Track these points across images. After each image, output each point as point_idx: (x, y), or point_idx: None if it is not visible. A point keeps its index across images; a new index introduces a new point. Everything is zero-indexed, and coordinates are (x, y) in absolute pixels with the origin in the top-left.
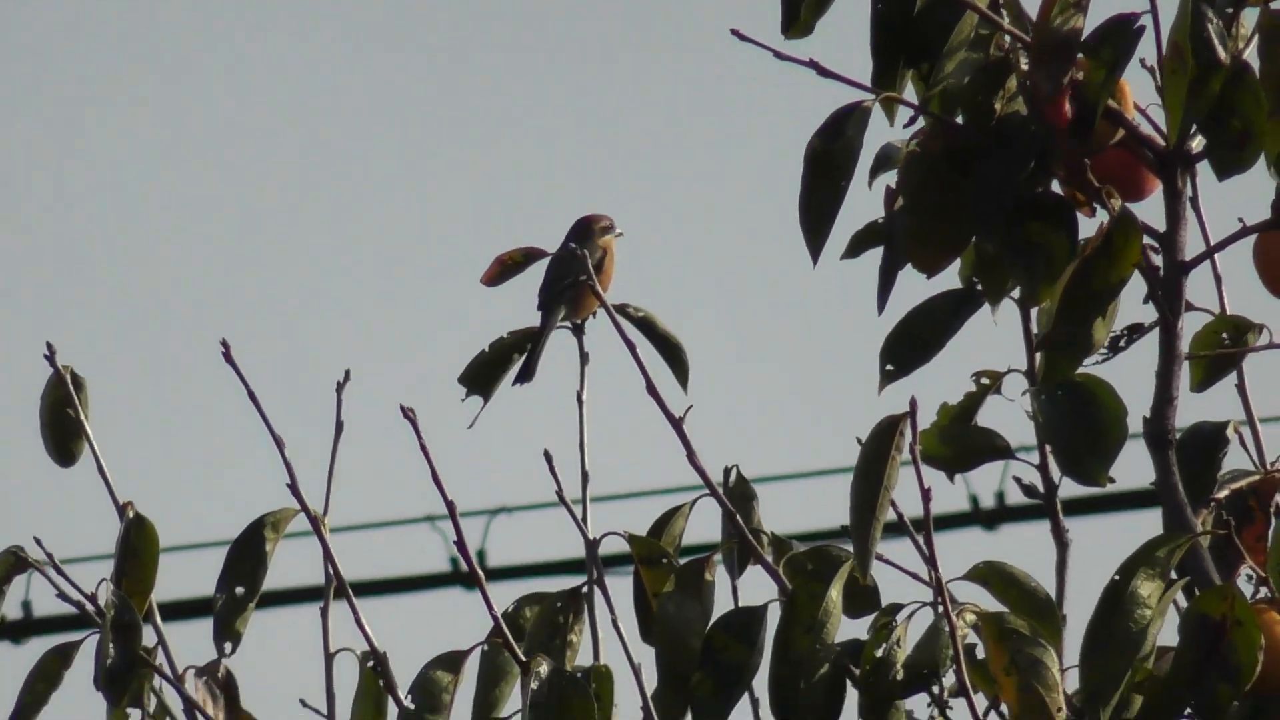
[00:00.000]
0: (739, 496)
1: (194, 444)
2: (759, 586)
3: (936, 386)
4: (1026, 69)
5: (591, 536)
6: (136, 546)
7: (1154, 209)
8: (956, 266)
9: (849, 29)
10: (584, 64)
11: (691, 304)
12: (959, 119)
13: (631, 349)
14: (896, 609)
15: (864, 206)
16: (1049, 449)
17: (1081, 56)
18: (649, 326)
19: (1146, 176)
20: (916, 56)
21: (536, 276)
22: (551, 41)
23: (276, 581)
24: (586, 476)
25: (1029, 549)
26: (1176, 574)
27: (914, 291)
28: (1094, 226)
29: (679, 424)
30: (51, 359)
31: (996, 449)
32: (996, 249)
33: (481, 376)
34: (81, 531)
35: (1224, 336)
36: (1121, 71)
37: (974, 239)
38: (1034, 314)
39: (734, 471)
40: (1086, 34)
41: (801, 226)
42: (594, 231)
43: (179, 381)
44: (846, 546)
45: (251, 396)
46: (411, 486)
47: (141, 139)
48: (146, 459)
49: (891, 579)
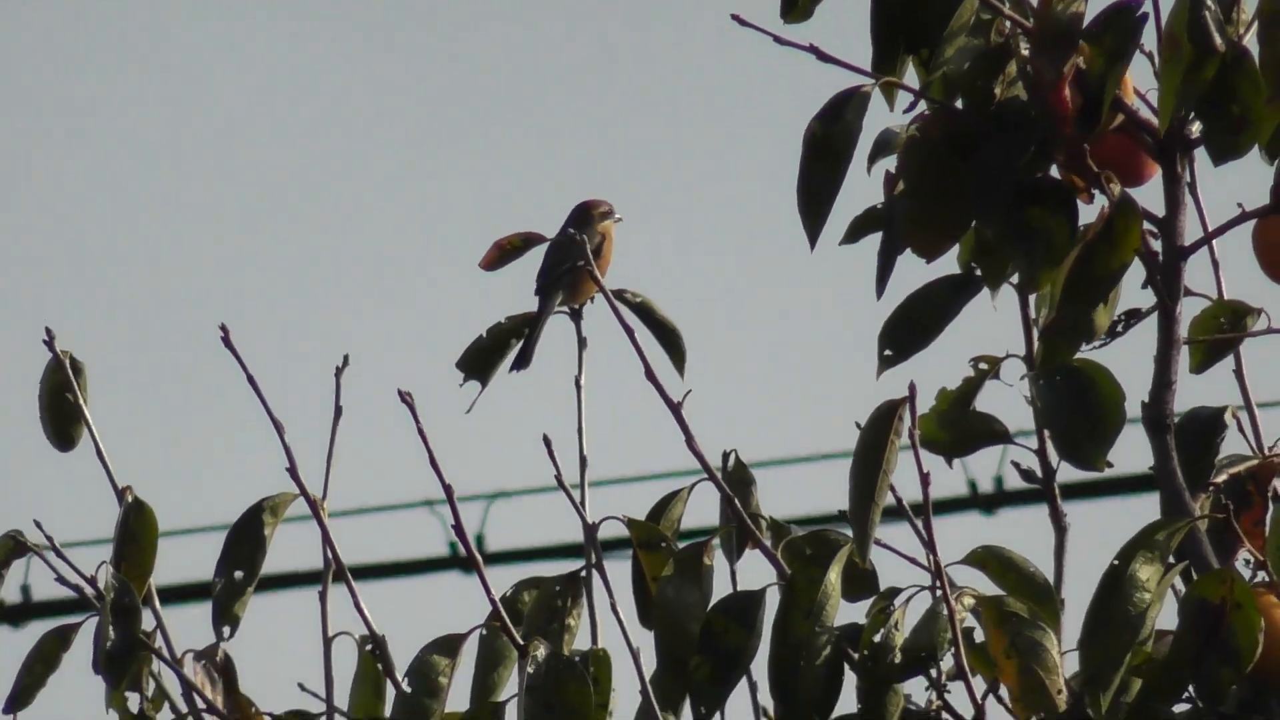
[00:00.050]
0: (737, 481)
1: (193, 428)
2: (757, 571)
3: (935, 371)
4: (1027, 55)
5: (590, 521)
6: (135, 531)
7: (1153, 194)
8: (955, 251)
9: (848, 14)
10: (584, 48)
11: (690, 289)
12: (959, 104)
13: (630, 334)
14: (895, 593)
15: (863, 191)
16: (1047, 434)
17: (1083, 43)
18: (647, 312)
19: (1145, 162)
20: (916, 41)
21: (535, 261)
22: (551, 26)
23: (275, 565)
24: (585, 461)
25: (1027, 533)
26: (1175, 558)
27: (913, 276)
28: (1093, 212)
29: (677, 409)
30: (50, 344)
31: (995, 434)
32: (996, 234)
33: (479, 361)
34: (80, 516)
35: (1222, 321)
36: (1128, 60)
37: (973, 224)
38: (1033, 299)
39: (732, 456)
40: (1088, 20)
41: (800, 211)
42: (593, 216)
43: (178, 366)
44: (845, 531)
45: (250, 381)
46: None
47: (140, 124)
48: (145, 443)
49: (890, 563)
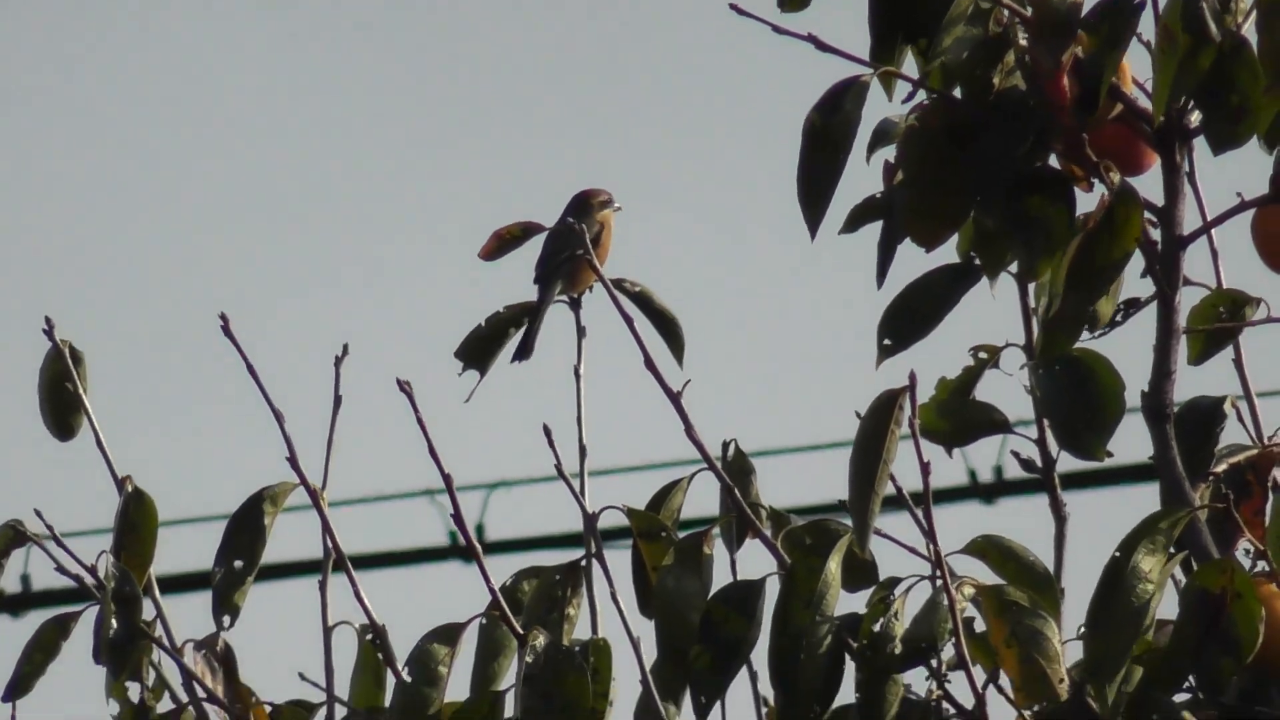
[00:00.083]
0: (737, 470)
1: (193, 418)
2: (757, 560)
3: (935, 361)
4: (1025, 44)
5: (590, 510)
6: (135, 520)
7: (1152, 184)
8: (955, 241)
9: (846, 3)
10: (583, 39)
11: (689, 278)
12: (957, 94)
13: (629, 323)
14: (894, 583)
15: (862, 181)
16: (1047, 423)
17: (1081, 33)
18: (646, 301)
19: (1144, 151)
20: (914, 31)
21: (534, 251)
22: (551, 17)
23: (275, 555)
24: (584, 450)
25: (1027, 523)
26: (1175, 548)
27: (912, 266)
28: (1092, 202)
29: (677, 398)
30: (50, 333)
31: (995, 423)
32: (995, 223)
33: (478, 351)
34: (80, 506)
35: (1221, 311)
36: (1124, 47)
37: (973, 213)
38: (1032, 288)
39: (732, 445)
40: (1086, 9)
41: (800, 201)
42: (592, 206)
43: (178, 355)
44: (845, 520)
45: (250, 370)
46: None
47: (139, 114)
48: (145, 433)
49: (890, 553)
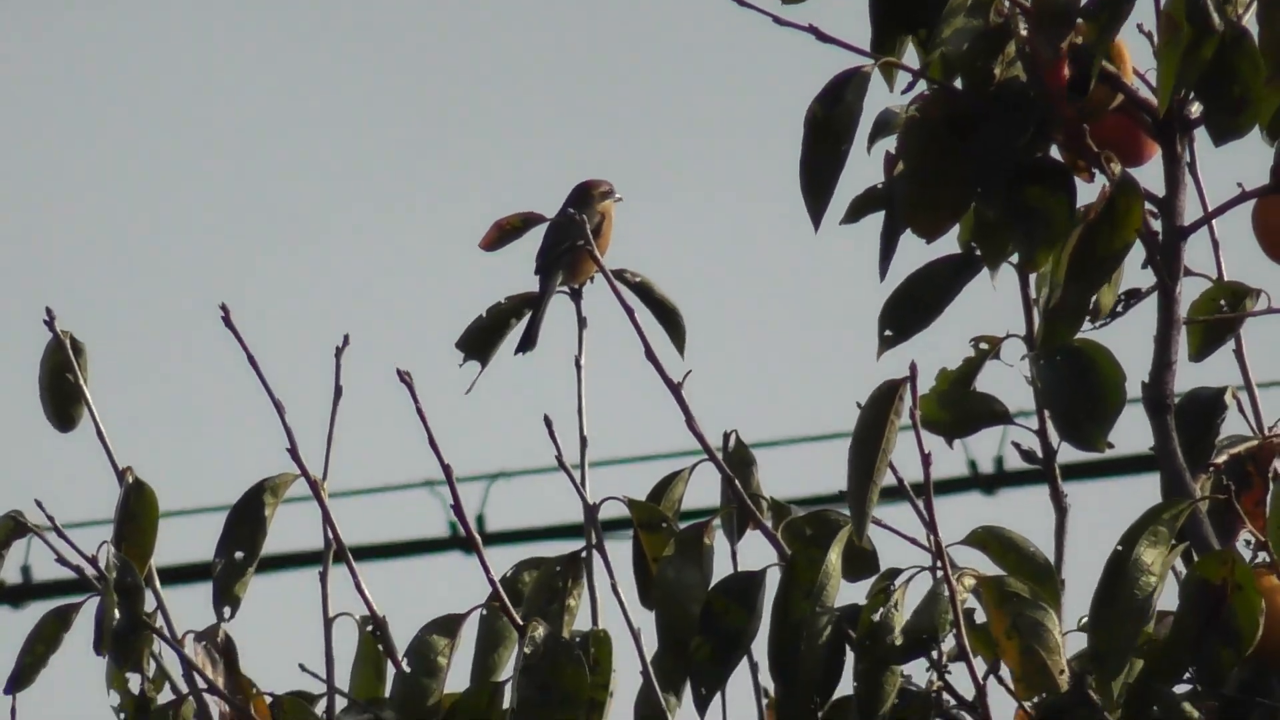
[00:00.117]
0: (738, 461)
1: (193, 409)
2: (758, 551)
3: (936, 351)
4: (1026, 34)
5: (591, 501)
6: (136, 511)
7: (1153, 174)
8: (956, 231)
9: None
10: (583, 28)
11: (690, 269)
12: (958, 84)
13: (630, 314)
14: (895, 573)
15: (864, 172)
16: (1048, 414)
17: (1081, 21)
18: (646, 292)
19: (1145, 142)
20: (915, 21)
21: (535, 242)
22: (552, 7)
23: (276, 546)
24: (585, 441)
25: (1028, 514)
26: (1176, 540)
27: (914, 257)
28: (1093, 193)
29: (678, 389)
30: (51, 324)
31: (995, 414)
32: (996, 214)
33: (479, 341)
34: (81, 497)
35: (1222, 302)
36: (1116, 29)
37: (973, 204)
38: (1033, 279)
39: (733, 436)
40: None
41: (802, 192)
42: (593, 196)
43: (178, 346)
44: (846, 511)
45: (251, 361)
46: (411, 451)
47: (139, 100)
48: (146, 424)
49: (891, 544)
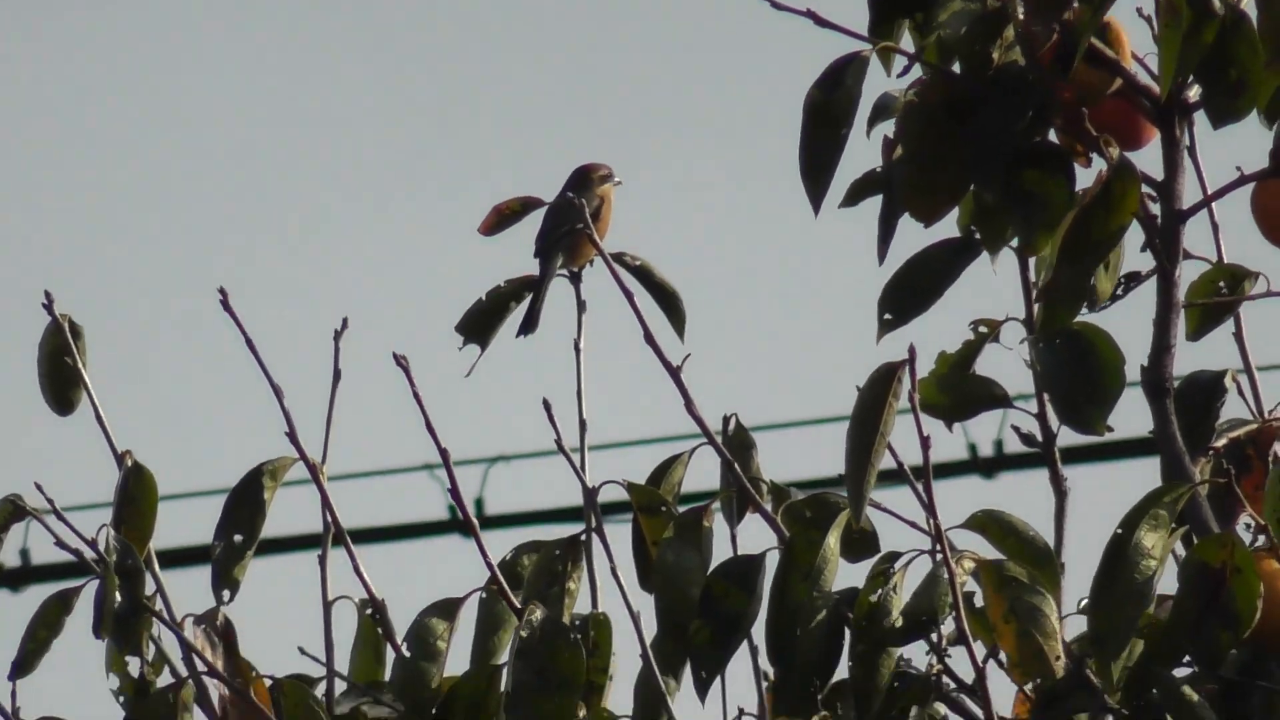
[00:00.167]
0: (737, 445)
1: (192, 392)
2: (758, 534)
3: (935, 335)
4: (1023, 18)
5: (590, 485)
6: (135, 495)
7: (1152, 158)
8: (955, 215)
9: None
10: (583, 12)
11: (689, 253)
12: (956, 68)
13: (629, 297)
14: (894, 556)
15: (863, 156)
16: (1047, 397)
17: (1077, 5)
18: (646, 275)
19: (1144, 125)
20: (911, 5)
21: (534, 226)
22: None
23: (275, 529)
24: (584, 425)
25: (1027, 497)
26: (1176, 523)
27: (913, 240)
28: (1092, 176)
29: (677, 373)
30: (49, 307)
31: (995, 397)
32: (995, 198)
33: (478, 325)
34: (80, 480)
35: (1221, 285)
36: (1105, 10)
37: (972, 188)
38: (1032, 262)
39: (732, 420)
40: None
41: (802, 176)
42: (592, 180)
43: (177, 330)
44: (845, 494)
45: (249, 345)
46: (410, 434)
47: (139, 85)
48: (145, 407)
49: (890, 528)
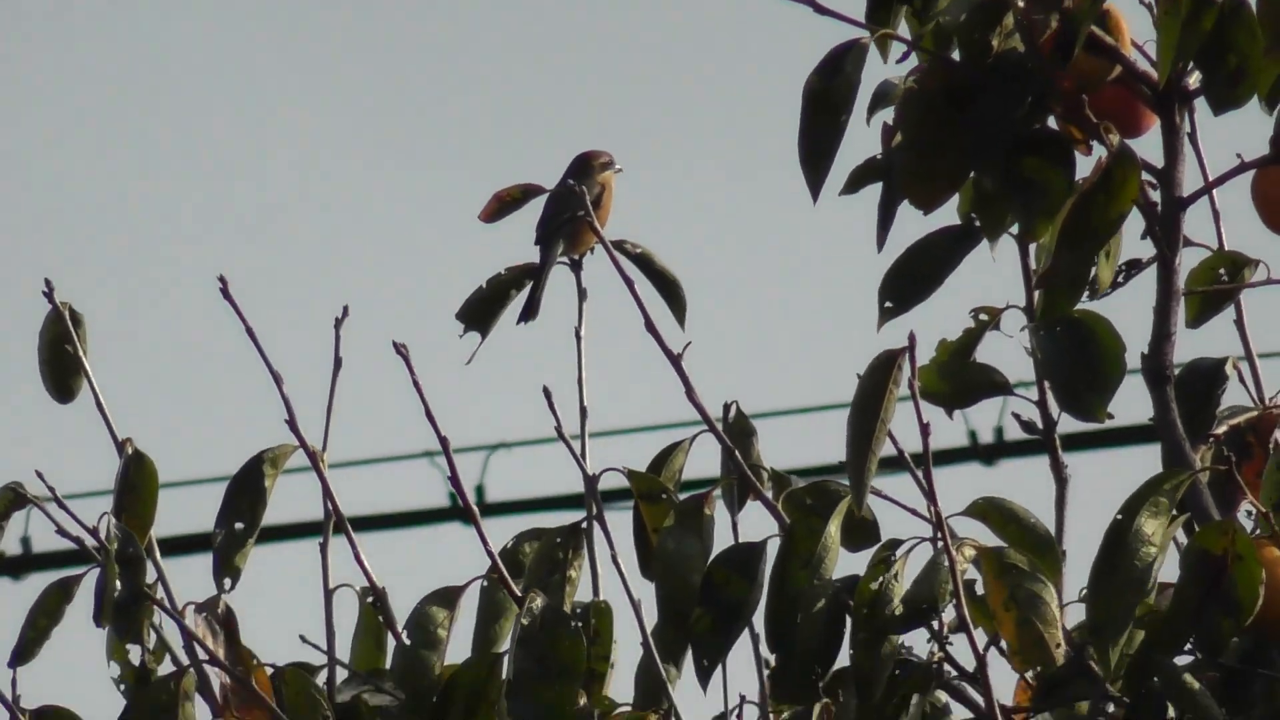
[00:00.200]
0: (738, 432)
1: (193, 380)
2: (759, 522)
3: (935, 322)
4: (1023, 5)
5: (591, 472)
6: (135, 482)
7: (1152, 145)
8: (955, 203)
9: None
10: (583, 2)
11: (690, 240)
12: (955, 56)
13: (629, 285)
14: (895, 544)
15: (862, 143)
16: (1048, 385)
17: None
18: (647, 263)
19: (1144, 113)
20: None
21: (534, 213)
22: None
23: (275, 517)
24: (585, 412)
25: (1028, 484)
26: (1177, 511)
27: (913, 228)
28: (1092, 164)
29: (678, 360)
30: (50, 295)
31: (995, 385)
32: (994, 185)
33: (479, 312)
34: (80, 468)
35: (1221, 272)
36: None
37: (972, 175)
38: (1032, 250)
39: (733, 407)
40: None
41: (801, 163)
42: (593, 167)
43: (177, 317)
44: (846, 481)
45: (250, 333)
46: (411, 422)
47: (138, 74)
48: (145, 395)
49: (891, 515)
